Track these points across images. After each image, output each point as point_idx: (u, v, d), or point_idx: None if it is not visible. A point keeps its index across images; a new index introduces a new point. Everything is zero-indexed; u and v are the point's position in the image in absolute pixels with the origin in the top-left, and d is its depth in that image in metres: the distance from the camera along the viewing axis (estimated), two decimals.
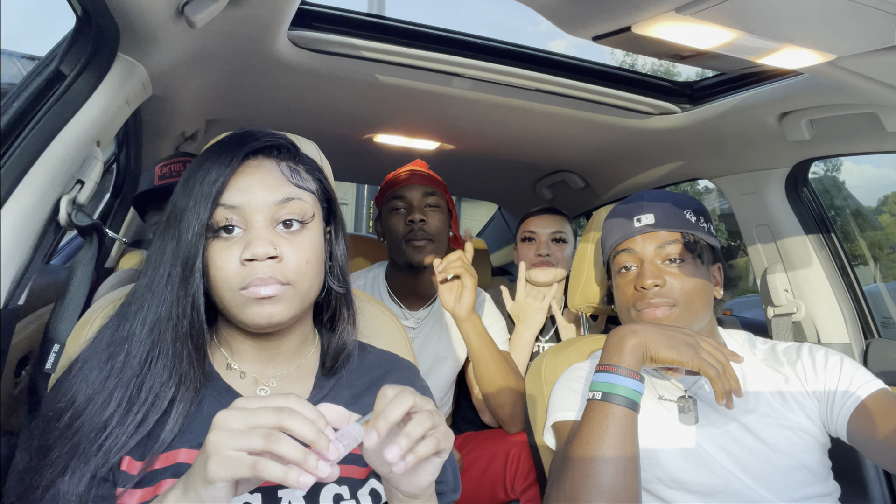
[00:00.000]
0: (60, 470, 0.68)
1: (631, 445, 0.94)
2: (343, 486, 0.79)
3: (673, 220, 1.15)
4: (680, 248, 1.13)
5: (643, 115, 1.75)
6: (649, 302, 1.10)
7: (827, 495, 1.06)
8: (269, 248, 0.73)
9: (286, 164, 0.80)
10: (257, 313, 0.74)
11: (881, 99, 1.22)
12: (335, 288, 0.86)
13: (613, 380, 0.97)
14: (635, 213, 1.17)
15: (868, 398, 1.04)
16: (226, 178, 0.75)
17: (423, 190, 1.73)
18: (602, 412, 0.96)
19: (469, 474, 1.60)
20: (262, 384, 0.83)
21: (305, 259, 0.76)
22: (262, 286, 0.73)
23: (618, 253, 1.18)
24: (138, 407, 0.72)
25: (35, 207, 0.94)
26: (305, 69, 1.48)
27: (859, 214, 8.05)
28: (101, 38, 1.04)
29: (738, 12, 0.88)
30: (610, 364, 0.99)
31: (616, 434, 0.94)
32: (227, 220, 0.75)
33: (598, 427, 0.95)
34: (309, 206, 0.79)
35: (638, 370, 0.98)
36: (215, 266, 0.74)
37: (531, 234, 2.01)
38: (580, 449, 0.95)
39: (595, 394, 0.98)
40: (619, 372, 0.97)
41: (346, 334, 0.89)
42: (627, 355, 0.98)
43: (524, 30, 28.36)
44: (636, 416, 0.97)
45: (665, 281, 1.11)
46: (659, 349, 0.98)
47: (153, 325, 0.75)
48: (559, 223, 2.01)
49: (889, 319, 2.77)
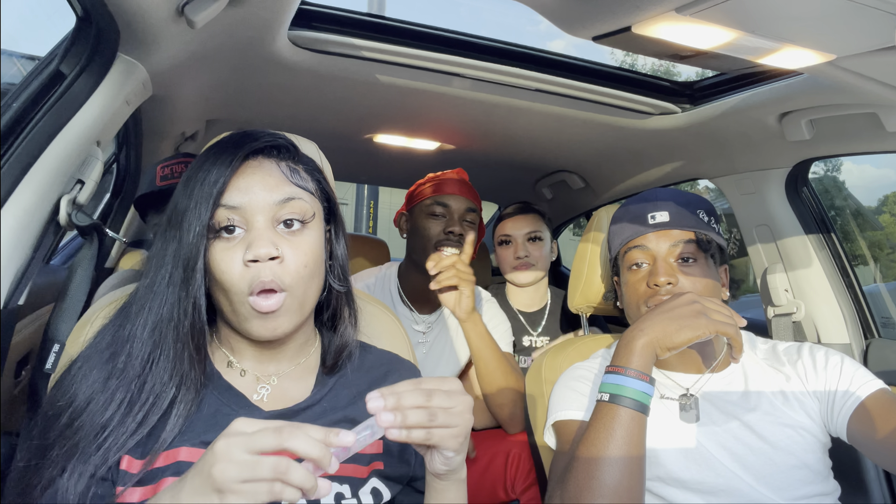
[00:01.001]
0: (60, 469, 0.68)
1: (637, 447, 0.94)
2: (344, 485, 0.79)
3: (687, 218, 1.15)
4: (693, 247, 1.13)
5: (643, 115, 1.75)
6: (661, 299, 1.10)
7: (827, 494, 1.06)
8: (270, 249, 0.73)
9: (286, 164, 0.80)
10: (261, 326, 0.75)
11: (881, 99, 1.22)
12: (336, 287, 0.86)
13: (622, 381, 0.97)
14: (649, 211, 1.17)
15: (868, 398, 1.04)
16: (226, 179, 0.75)
17: (468, 205, 1.71)
18: (609, 414, 0.95)
19: (469, 474, 1.59)
20: (263, 382, 0.83)
21: (304, 262, 0.77)
22: (265, 300, 0.74)
23: (629, 249, 1.18)
24: (139, 407, 0.72)
25: (35, 207, 0.94)
26: (305, 69, 1.48)
27: (859, 214, 8.05)
28: (101, 38, 1.04)
29: (738, 12, 0.88)
30: (619, 365, 0.98)
31: (623, 436, 0.93)
32: (229, 220, 0.75)
33: (605, 429, 0.94)
34: (309, 205, 0.79)
35: (648, 371, 0.97)
36: (219, 269, 0.74)
37: (507, 237, 2.02)
38: (586, 450, 0.95)
39: (603, 395, 0.98)
40: (627, 374, 0.97)
41: (347, 333, 0.89)
42: (637, 356, 0.98)
43: (524, 30, 28.39)
44: (645, 418, 0.96)
45: (678, 279, 1.11)
46: (672, 337, 0.97)
47: (154, 325, 0.75)
48: (533, 222, 2.01)
49: (889, 319, 2.77)
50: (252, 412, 0.79)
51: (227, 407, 0.78)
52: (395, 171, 2.69)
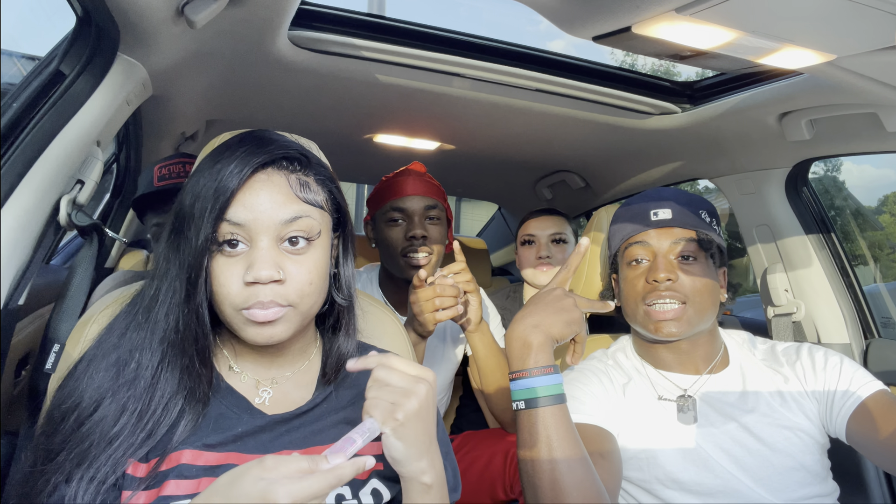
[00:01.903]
0: (66, 475, 0.68)
1: (570, 437, 0.92)
2: (345, 487, 0.79)
3: (689, 217, 1.15)
4: (694, 245, 1.13)
5: (643, 115, 1.75)
6: (660, 294, 1.10)
7: (826, 495, 1.06)
8: (272, 272, 0.72)
9: (296, 178, 0.77)
10: (257, 333, 0.74)
11: (881, 99, 1.22)
12: (339, 301, 0.86)
13: (531, 384, 0.94)
14: (652, 207, 1.17)
15: (868, 399, 1.04)
16: (233, 192, 0.73)
17: (425, 203, 1.60)
18: (531, 419, 0.93)
19: (469, 474, 1.60)
20: (264, 386, 0.83)
21: (309, 280, 0.75)
22: (262, 310, 0.72)
23: (630, 245, 1.17)
24: (148, 418, 0.72)
25: (35, 207, 0.94)
26: (305, 69, 1.47)
27: (859, 214, 8.03)
28: (101, 38, 1.04)
29: (738, 12, 0.88)
30: (521, 370, 0.95)
31: (551, 434, 0.92)
32: (232, 235, 0.73)
33: (533, 434, 0.92)
34: (316, 222, 0.77)
35: (551, 362, 0.95)
36: (218, 282, 0.73)
37: (531, 236, 2.00)
38: (523, 461, 0.93)
39: (518, 403, 0.95)
40: (532, 374, 0.94)
41: (347, 342, 0.89)
42: (536, 354, 0.95)
43: (523, 29, 28.36)
44: (565, 406, 0.94)
45: (678, 276, 1.11)
46: (561, 330, 0.98)
47: (163, 335, 0.75)
48: (558, 224, 2.01)
49: (889, 319, 2.77)
50: (254, 416, 0.79)
51: (230, 410, 0.79)
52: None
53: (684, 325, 1.09)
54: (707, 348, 1.16)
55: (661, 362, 1.17)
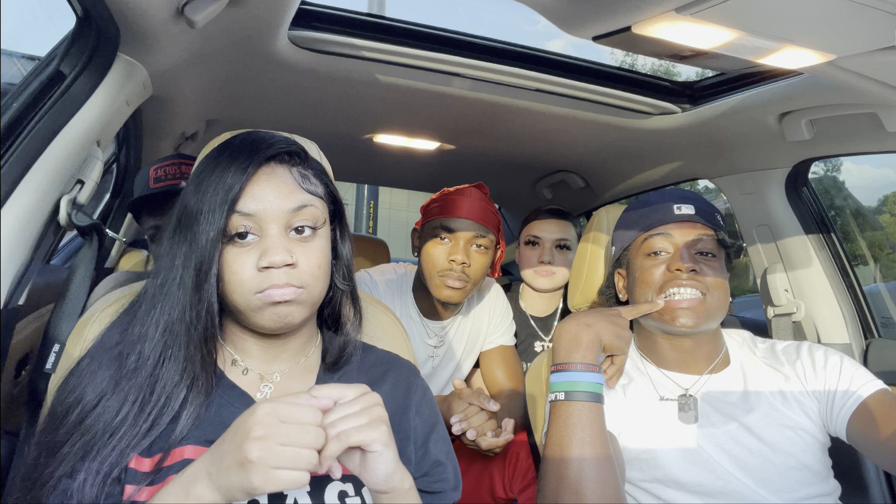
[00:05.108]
0: (69, 468, 0.69)
1: (601, 437, 0.95)
2: (347, 484, 0.80)
3: (710, 216, 1.17)
4: (714, 243, 1.15)
5: (643, 115, 1.75)
6: (682, 283, 1.09)
7: (827, 495, 1.06)
8: (285, 256, 0.75)
9: (297, 171, 0.81)
10: (273, 314, 0.76)
11: (881, 99, 1.22)
12: (340, 286, 0.89)
13: (573, 377, 0.97)
14: (675, 202, 1.17)
15: (868, 398, 1.04)
16: (242, 185, 0.76)
17: (475, 231, 1.56)
18: (567, 411, 0.95)
19: (469, 474, 1.60)
20: (266, 380, 0.84)
21: (318, 264, 0.79)
22: (278, 289, 0.75)
23: (651, 237, 1.17)
24: (151, 407, 0.73)
25: (35, 207, 0.94)
26: (305, 69, 1.48)
27: (859, 214, 8.04)
28: (101, 39, 1.04)
29: (738, 12, 0.88)
30: (568, 362, 0.99)
31: (586, 430, 0.94)
32: (243, 227, 0.76)
33: (566, 427, 0.95)
34: (320, 211, 0.81)
35: (596, 362, 0.99)
36: (231, 271, 0.76)
37: (535, 238, 1.98)
38: (552, 451, 0.95)
39: (557, 394, 0.98)
40: (577, 368, 0.97)
41: (349, 333, 0.91)
42: (584, 350, 0.98)
43: (523, 29, 28.35)
44: (602, 407, 0.97)
45: (702, 268, 1.11)
46: (611, 339, 1.02)
47: (166, 327, 0.76)
48: (564, 230, 1.98)
49: (889, 319, 2.77)
50: None
51: (232, 405, 0.79)
52: (395, 171, 2.69)
53: (702, 317, 1.09)
54: (710, 347, 1.16)
55: (663, 361, 1.17)
